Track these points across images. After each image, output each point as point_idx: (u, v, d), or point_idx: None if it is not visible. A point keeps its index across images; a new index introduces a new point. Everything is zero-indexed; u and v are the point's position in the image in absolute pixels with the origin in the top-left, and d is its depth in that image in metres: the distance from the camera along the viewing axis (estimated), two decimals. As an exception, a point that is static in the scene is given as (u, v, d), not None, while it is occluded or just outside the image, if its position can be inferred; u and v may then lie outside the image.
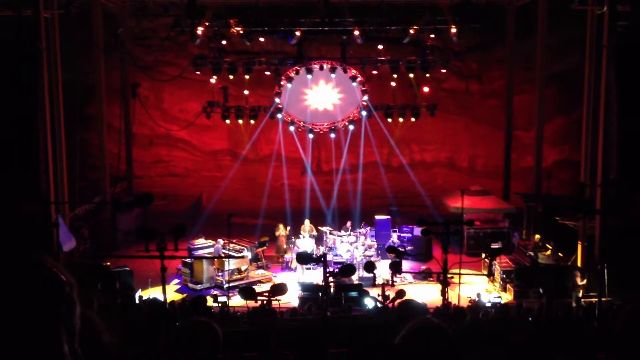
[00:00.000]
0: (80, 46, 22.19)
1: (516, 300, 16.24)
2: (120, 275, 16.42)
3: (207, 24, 21.00)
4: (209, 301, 14.13)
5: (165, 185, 27.53)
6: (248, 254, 18.62)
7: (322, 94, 24.49)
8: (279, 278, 18.22)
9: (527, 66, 24.10)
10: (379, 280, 16.62)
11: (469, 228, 19.60)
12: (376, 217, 21.23)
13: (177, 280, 18.63)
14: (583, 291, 16.44)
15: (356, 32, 21.13)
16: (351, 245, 19.47)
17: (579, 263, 17.89)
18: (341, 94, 24.48)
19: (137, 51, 25.17)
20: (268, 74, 23.50)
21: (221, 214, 21.82)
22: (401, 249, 15.57)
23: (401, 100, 24.08)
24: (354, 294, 15.39)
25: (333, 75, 23.42)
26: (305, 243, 19.61)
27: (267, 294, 9.35)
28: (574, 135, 23.77)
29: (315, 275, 17.75)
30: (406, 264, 18.91)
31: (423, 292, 16.58)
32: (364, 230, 20.20)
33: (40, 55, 16.74)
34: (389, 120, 24.29)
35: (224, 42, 22.60)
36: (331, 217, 23.16)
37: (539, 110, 21.75)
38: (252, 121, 24.10)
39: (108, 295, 13.62)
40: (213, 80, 23.42)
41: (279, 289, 9.60)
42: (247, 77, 23.17)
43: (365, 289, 15.77)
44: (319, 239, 20.32)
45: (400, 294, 9.17)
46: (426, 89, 23.88)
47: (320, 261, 9.50)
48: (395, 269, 14.10)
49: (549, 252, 19.80)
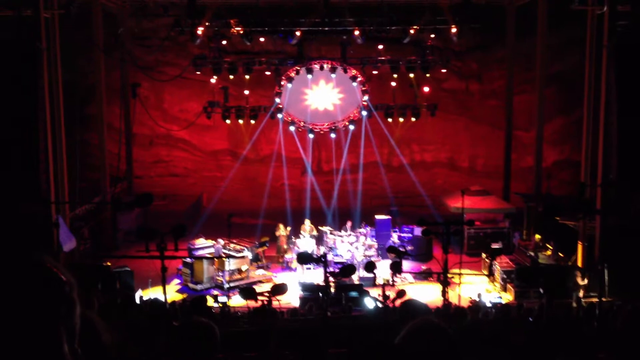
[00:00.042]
0: (80, 46, 22.18)
1: (516, 301, 16.23)
2: (120, 276, 16.40)
3: (207, 24, 20.98)
4: (210, 301, 14.13)
5: (165, 185, 27.52)
6: (248, 254, 18.62)
7: (322, 94, 24.48)
8: (279, 278, 18.21)
9: (527, 66, 24.10)
10: (379, 281, 16.56)
11: (469, 228, 19.62)
12: (376, 217, 21.23)
13: (178, 281, 18.63)
14: (583, 291, 16.44)
15: (356, 32, 21.11)
16: (351, 246, 19.46)
17: (579, 263, 17.89)
18: (341, 94, 24.48)
19: (137, 51, 25.17)
20: (268, 74, 23.48)
21: (221, 214, 21.87)
22: (401, 249, 15.56)
23: (401, 100, 24.07)
24: (354, 294, 15.38)
25: (333, 75, 23.41)
26: (306, 243, 19.60)
27: (268, 294, 9.34)
28: (574, 135, 23.77)
29: (315, 276, 17.75)
30: (406, 264, 18.89)
31: (423, 292, 16.56)
32: (364, 230, 20.20)
33: (40, 55, 16.73)
34: (389, 120, 24.27)
35: (224, 42, 22.60)
36: (331, 217, 23.13)
37: (539, 110, 21.74)
38: (253, 121, 24.10)
39: (108, 295, 13.62)
40: (213, 80, 23.41)
41: (279, 289, 9.59)
42: (247, 77, 23.16)
43: (365, 289, 15.77)
44: (319, 239, 20.30)
45: (401, 294, 9.18)
46: (426, 89, 23.87)
47: (321, 261, 9.50)
48: (396, 269, 14.10)
49: (549, 252, 19.81)
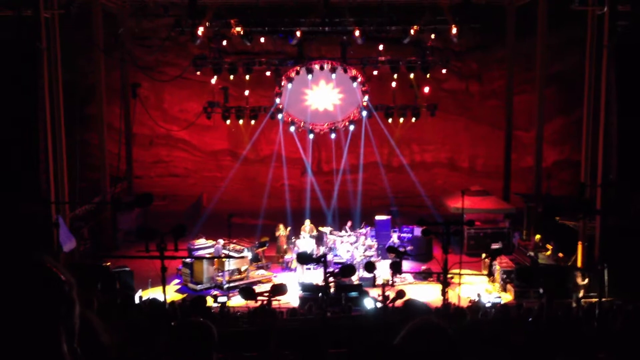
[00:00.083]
0: (80, 46, 22.18)
1: (516, 301, 16.23)
2: (120, 276, 16.41)
3: (207, 24, 20.96)
4: (209, 301, 14.14)
5: (165, 186, 27.53)
6: (248, 254, 18.62)
7: (322, 94, 24.47)
8: (279, 278, 18.21)
9: (527, 66, 24.09)
10: (379, 281, 16.61)
11: (469, 228, 19.60)
12: (376, 217, 21.24)
13: (177, 281, 18.63)
14: (583, 291, 16.43)
15: (356, 32, 21.09)
16: (351, 246, 19.47)
17: (579, 263, 17.89)
18: (341, 94, 24.46)
19: (137, 51, 25.16)
20: (268, 74, 23.46)
21: (221, 214, 21.88)
22: (401, 249, 15.57)
23: (401, 100, 24.05)
24: (354, 294, 15.38)
25: (333, 76, 23.39)
26: (306, 243, 19.59)
27: (267, 294, 9.33)
28: (574, 135, 23.77)
29: (315, 276, 17.74)
30: (406, 264, 18.91)
31: (423, 293, 16.57)
32: (364, 231, 20.20)
33: (40, 55, 16.74)
34: (389, 120, 24.24)
35: (224, 43, 22.59)
36: (331, 218, 23.14)
37: (539, 110, 21.73)
38: (253, 121, 24.09)
39: (108, 295, 13.63)
40: (213, 81, 23.39)
41: (279, 289, 9.56)
42: (247, 77, 23.14)
43: (365, 289, 15.77)
44: (319, 239, 20.30)
45: (400, 294, 9.16)
46: (426, 89, 23.84)
47: (321, 261, 9.49)
48: (396, 269, 14.08)
49: (549, 252, 19.78)
